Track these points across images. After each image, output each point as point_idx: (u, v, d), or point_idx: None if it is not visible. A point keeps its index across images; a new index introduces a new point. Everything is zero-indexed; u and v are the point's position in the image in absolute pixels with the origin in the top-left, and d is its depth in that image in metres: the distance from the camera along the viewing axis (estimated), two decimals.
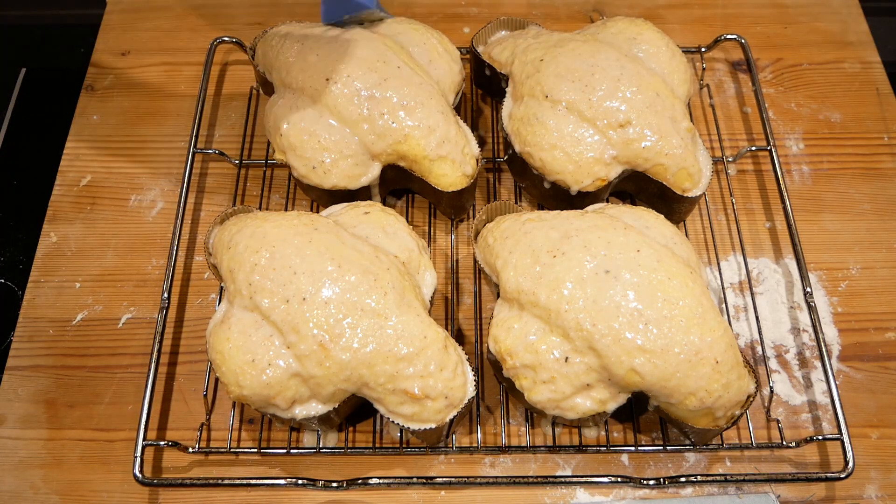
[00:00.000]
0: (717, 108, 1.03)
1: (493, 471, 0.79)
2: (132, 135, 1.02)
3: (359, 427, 0.81)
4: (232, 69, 1.07)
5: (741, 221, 0.94)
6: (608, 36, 0.90)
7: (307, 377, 0.70)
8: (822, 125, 1.03)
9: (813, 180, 0.98)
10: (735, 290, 0.89)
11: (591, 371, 0.71)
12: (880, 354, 0.86)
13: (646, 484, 0.75)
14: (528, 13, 1.13)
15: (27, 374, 0.84)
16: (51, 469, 0.79)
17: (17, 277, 0.94)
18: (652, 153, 0.83)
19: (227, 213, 0.82)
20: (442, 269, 0.90)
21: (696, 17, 1.13)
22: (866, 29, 1.11)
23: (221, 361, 0.71)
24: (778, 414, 0.82)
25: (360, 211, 0.80)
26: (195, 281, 0.91)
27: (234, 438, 0.81)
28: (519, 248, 0.76)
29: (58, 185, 0.97)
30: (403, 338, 0.70)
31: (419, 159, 0.84)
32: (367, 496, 0.78)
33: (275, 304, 0.71)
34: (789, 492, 0.78)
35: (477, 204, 0.95)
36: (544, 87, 0.85)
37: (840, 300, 0.89)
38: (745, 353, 0.85)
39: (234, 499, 0.78)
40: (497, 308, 0.77)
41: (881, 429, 0.82)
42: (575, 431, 0.81)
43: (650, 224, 0.79)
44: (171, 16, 1.12)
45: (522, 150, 0.86)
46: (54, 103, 1.08)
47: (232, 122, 1.03)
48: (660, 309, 0.70)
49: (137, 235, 0.94)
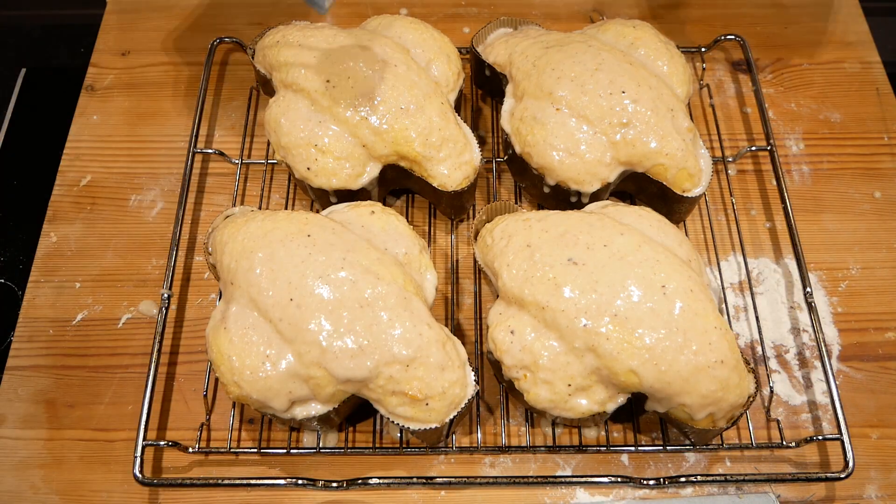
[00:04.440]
0: (717, 108, 1.03)
1: (493, 471, 0.79)
2: (132, 135, 1.02)
3: (359, 427, 0.81)
4: (232, 69, 1.07)
5: (741, 221, 0.94)
6: (608, 37, 0.90)
7: (307, 377, 0.70)
8: (822, 125, 1.03)
9: (813, 180, 0.98)
10: (735, 290, 0.89)
11: (591, 372, 0.71)
12: (880, 354, 0.86)
13: (646, 484, 0.75)
14: (528, 13, 1.13)
15: (27, 374, 0.84)
16: (51, 469, 0.79)
17: (17, 277, 0.94)
18: (652, 153, 0.83)
19: (226, 213, 0.82)
20: (442, 269, 0.90)
21: (696, 17, 1.13)
22: (866, 29, 1.11)
23: (221, 361, 0.71)
24: (778, 414, 0.82)
25: (361, 211, 0.80)
26: (195, 281, 0.91)
27: (234, 438, 0.81)
28: (518, 249, 0.76)
29: (58, 185, 0.97)
30: (404, 338, 0.70)
31: (419, 159, 0.84)
32: (367, 496, 0.78)
33: (275, 304, 0.71)
34: (789, 492, 0.78)
35: (477, 204, 0.95)
36: (544, 88, 0.85)
37: (840, 300, 0.89)
38: (745, 353, 0.85)
39: (233, 499, 0.78)
40: (496, 308, 0.77)
41: (881, 429, 0.82)
42: (575, 431, 0.81)
43: (650, 224, 0.78)
44: (171, 16, 1.12)
45: (522, 151, 0.86)
46: (54, 103, 1.08)
47: (232, 122, 1.03)
48: (659, 309, 0.70)
49: (137, 235, 0.94)
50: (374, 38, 0.87)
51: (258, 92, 1.04)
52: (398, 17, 0.93)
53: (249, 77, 1.06)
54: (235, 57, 1.08)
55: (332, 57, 0.85)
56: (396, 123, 0.83)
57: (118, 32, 1.11)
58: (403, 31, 0.91)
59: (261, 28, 1.08)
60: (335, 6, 1.12)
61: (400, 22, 0.92)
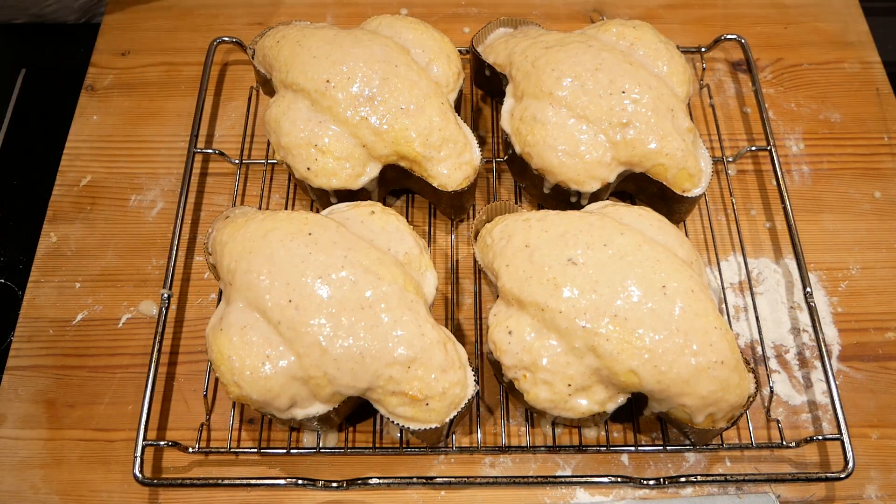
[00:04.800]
0: (717, 108, 1.03)
1: (493, 471, 0.79)
2: (132, 135, 1.02)
3: (359, 427, 0.81)
4: (232, 69, 1.07)
5: (741, 221, 0.94)
6: (608, 37, 0.90)
7: (307, 378, 0.70)
8: (822, 125, 1.03)
9: (813, 180, 0.98)
10: (735, 290, 0.89)
11: (591, 372, 0.71)
12: (880, 354, 0.86)
13: (646, 484, 0.75)
14: (528, 13, 1.13)
15: (27, 374, 0.84)
16: (51, 469, 0.79)
17: (17, 277, 0.94)
18: (652, 153, 0.83)
19: (226, 213, 0.82)
20: (442, 269, 0.90)
21: (696, 17, 1.13)
22: (866, 29, 1.11)
23: (221, 361, 0.71)
24: (778, 414, 0.82)
25: (361, 211, 0.80)
26: (195, 281, 0.91)
27: (234, 438, 0.81)
28: (518, 249, 0.76)
29: (58, 185, 0.97)
30: (405, 339, 0.70)
31: (419, 159, 0.84)
32: (367, 496, 0.78)
33: (275, 304, 0.70)
34: (789, 492, 0.78)
35: (477, 204, 0.95)
36: (544, 87, 0.85)
37: (840, 300, 0.89)
38: (745, 353, 0.85)
39: (233, 499, 0.78)
40: (496, 308, 0.77)
41: (881, 429, 0.82)
42: (575, 431, 0.81)
43: (650, 224, 0.78)
44: (171, 16, 1.12)
45: (522, 151, 0.86)
46: (54, 103, 1.08)
47: (232, 122, 1.03)
48: (660, 309, 0.70)
49: (137, 235, 0.94)
50: (375, 38, 0.87)
51: (258, 92, 1.04)
52: (398, 17, 0.93)
53: (249, 77, 1.06)
54: (235, 57, 1.08)
55: (332, 57, 0.85)
56: (396, 123, 0.83)
57: (118, 32, 1.11)
58: (403, 31, 0.91)
59: (261, 28, 1.08)
60: (335, 6, 1.13)
61: (400, 22, 0.92)
